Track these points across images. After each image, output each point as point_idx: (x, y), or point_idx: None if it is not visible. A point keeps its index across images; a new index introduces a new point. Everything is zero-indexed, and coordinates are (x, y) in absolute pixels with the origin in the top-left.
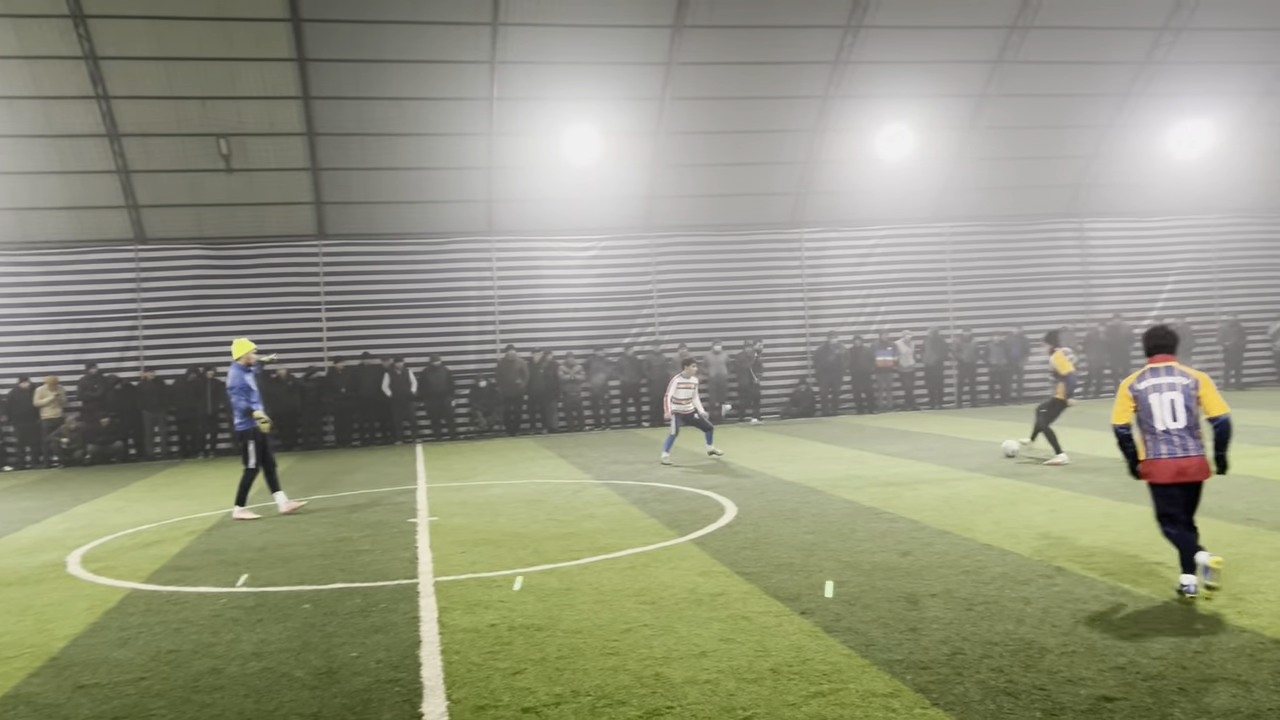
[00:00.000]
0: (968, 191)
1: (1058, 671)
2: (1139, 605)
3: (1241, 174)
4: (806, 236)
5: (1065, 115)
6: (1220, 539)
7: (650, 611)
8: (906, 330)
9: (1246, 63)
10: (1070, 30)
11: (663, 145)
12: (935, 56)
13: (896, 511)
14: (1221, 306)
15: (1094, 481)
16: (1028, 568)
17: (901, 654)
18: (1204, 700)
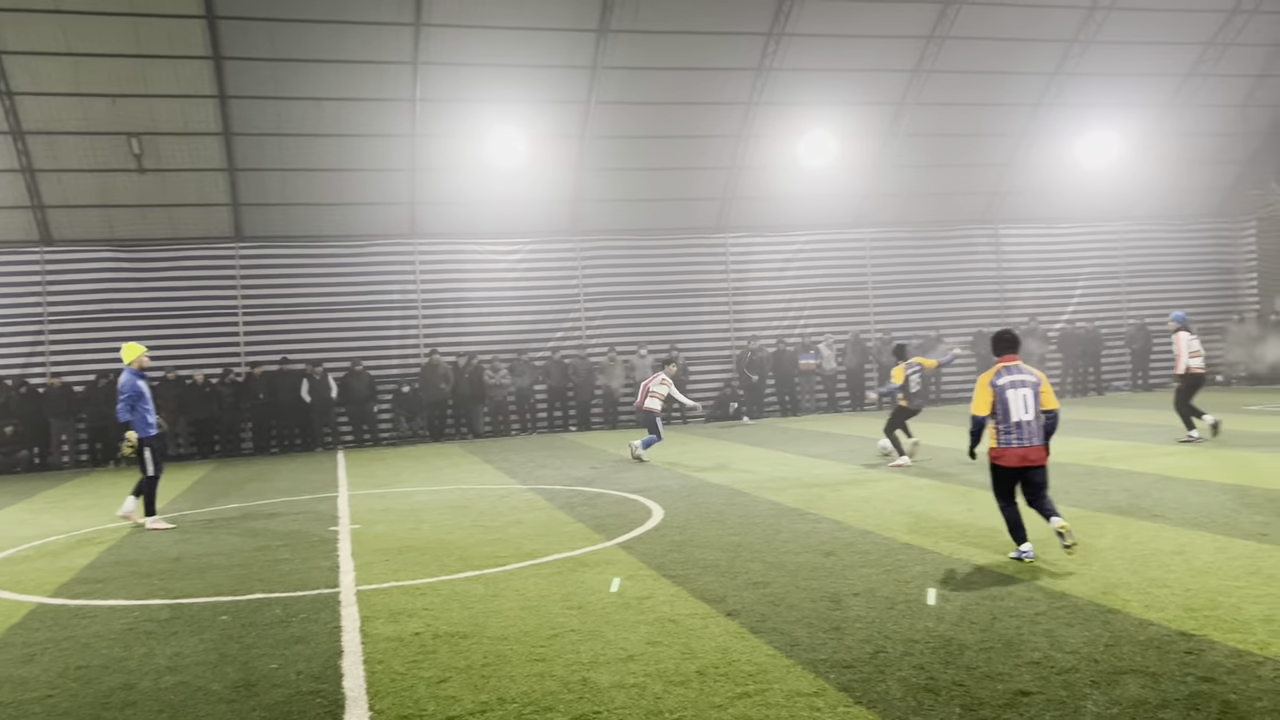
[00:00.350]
0: (887, 198)
1: (976, 667)
2: (1054, 601)
3: (1146, 182)
4: (731, 241)
5: (980, 124)
6: (1130, 535)
7: (577, 616)
8: (829, 334)
9: (1151, 75)
10: (985, 41)
11: (589, 149)
12: (855, 65)
13: (820, 512)
14: (1129, 311)
15: None
16: (947, 566)
17: (825, 653)
18: (1115, 692)
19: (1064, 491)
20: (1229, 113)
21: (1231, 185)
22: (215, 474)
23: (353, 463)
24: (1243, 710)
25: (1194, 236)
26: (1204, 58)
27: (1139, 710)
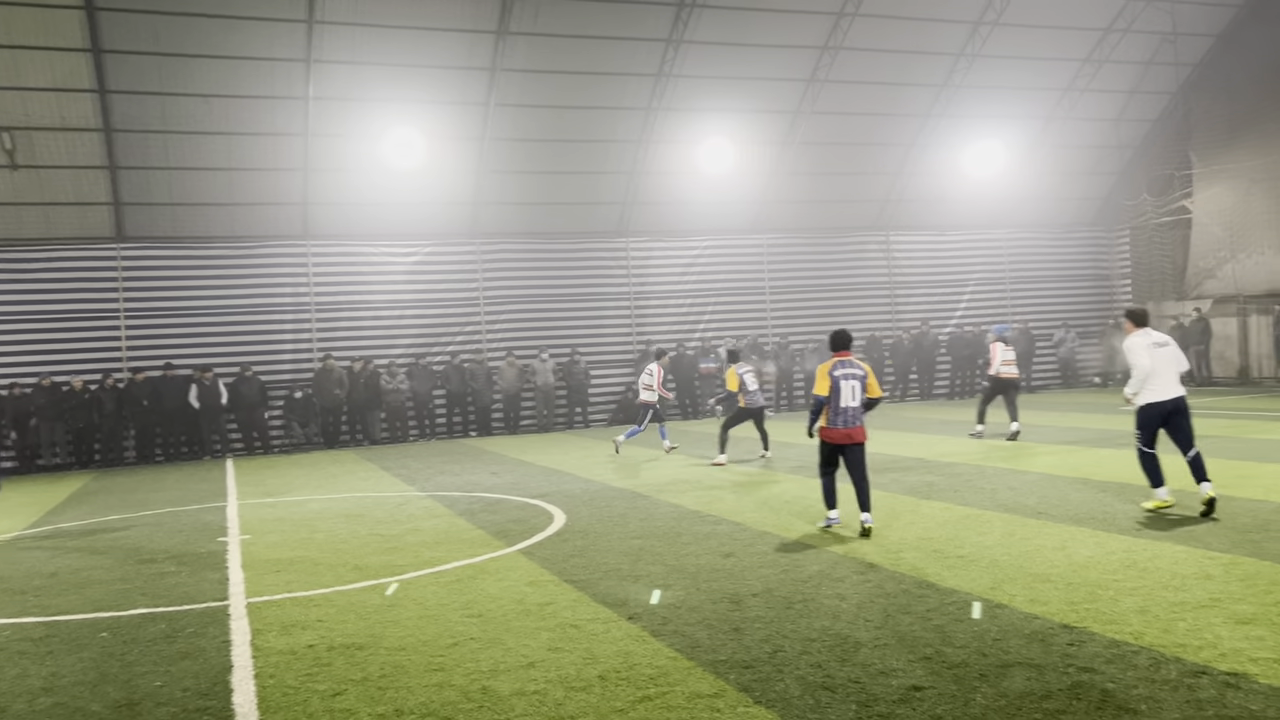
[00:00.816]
0: (784, 204)
1: (871, 664)
2: (944, 598)
3: (1029, 192)
4: (633, 246)
5: (873, 134)
6: (1015, 532)
7: (477, 624)
8: (728, 338)
9: (1033, 89)
10: (877, 53)
11: (488, 151)
12: (753, 73)
13: (720, 514)
14: (1013, 315)
15: (902, 480)
16: (843, 565)
17: (725, 654)
18: (1002, 684)
19: (953, 491)
20: (1104, 126)
21: (1107, 196)
22: (95, 484)
23: (242, 471)
24: (1120, 698)
25: (1073, 244)
26: (1081, 73)
27: (1024, 701)
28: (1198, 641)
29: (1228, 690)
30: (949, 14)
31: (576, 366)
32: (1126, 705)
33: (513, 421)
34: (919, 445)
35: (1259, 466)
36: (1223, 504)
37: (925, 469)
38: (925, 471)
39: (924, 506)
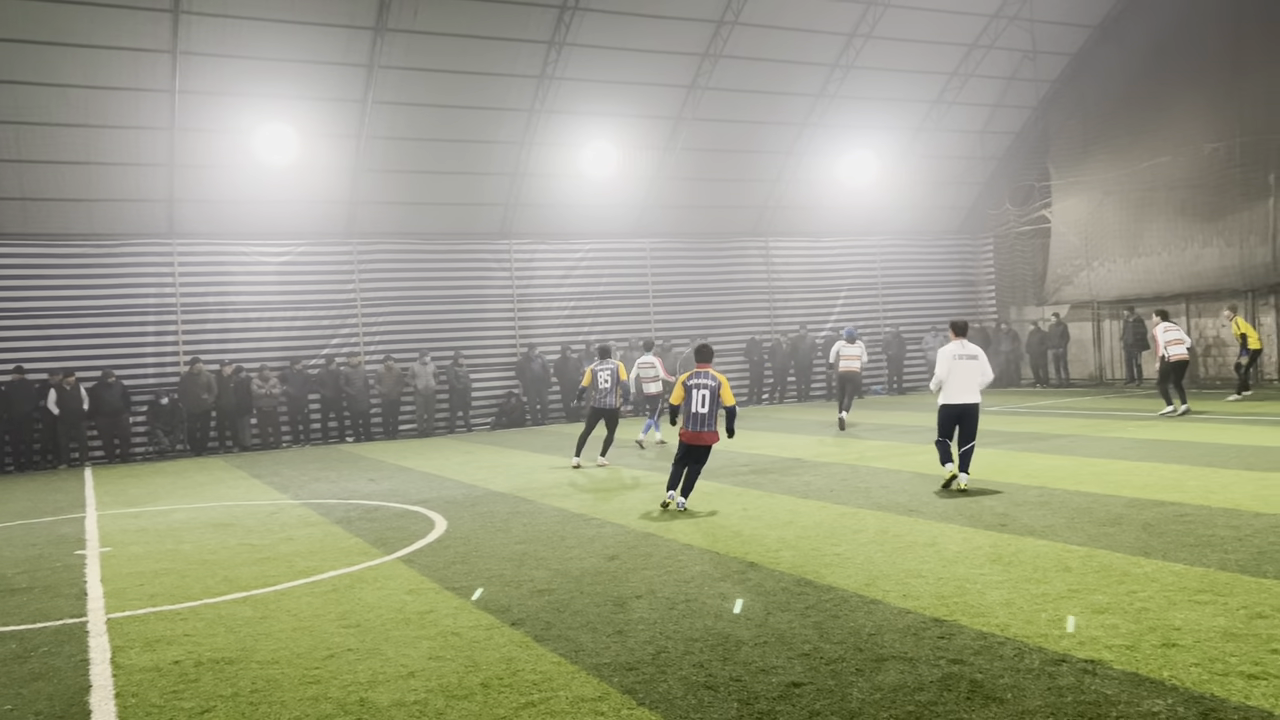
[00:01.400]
0: (666, 209)
1: (752, 662)
2: (822, 595)
3: (900, 200)
4: (516, 248)
5: (752, 141)
6: (888, 529)
7: (354, 635)
8: (611, 341)
9: (904, 100)
10: (756, 61)
11: (365, 150)
12: (636, 78)
13: (604, 517)
14: (885, 319)
15: (781, 481)
16: (724, 565)
17: (609, 657)
18: (877, 678)
19: (830, 491)
20: (970, 138)
21: (972, 205)
22: None
23: (102, 480)
24: (987, 688)
25: (941, 251)
26: (949, 87)
27: (898, 694)
28: (1058, 631)
29: (1085, 677)
30: (825, 25)
31: (458, 370)
32: (993, 694)
33: (391, 426)
34: (797, 446)
35: (1111, 463)
36: (1080, 500)
37: (803, 469)
38: (803, 472)
39: (802, 506)
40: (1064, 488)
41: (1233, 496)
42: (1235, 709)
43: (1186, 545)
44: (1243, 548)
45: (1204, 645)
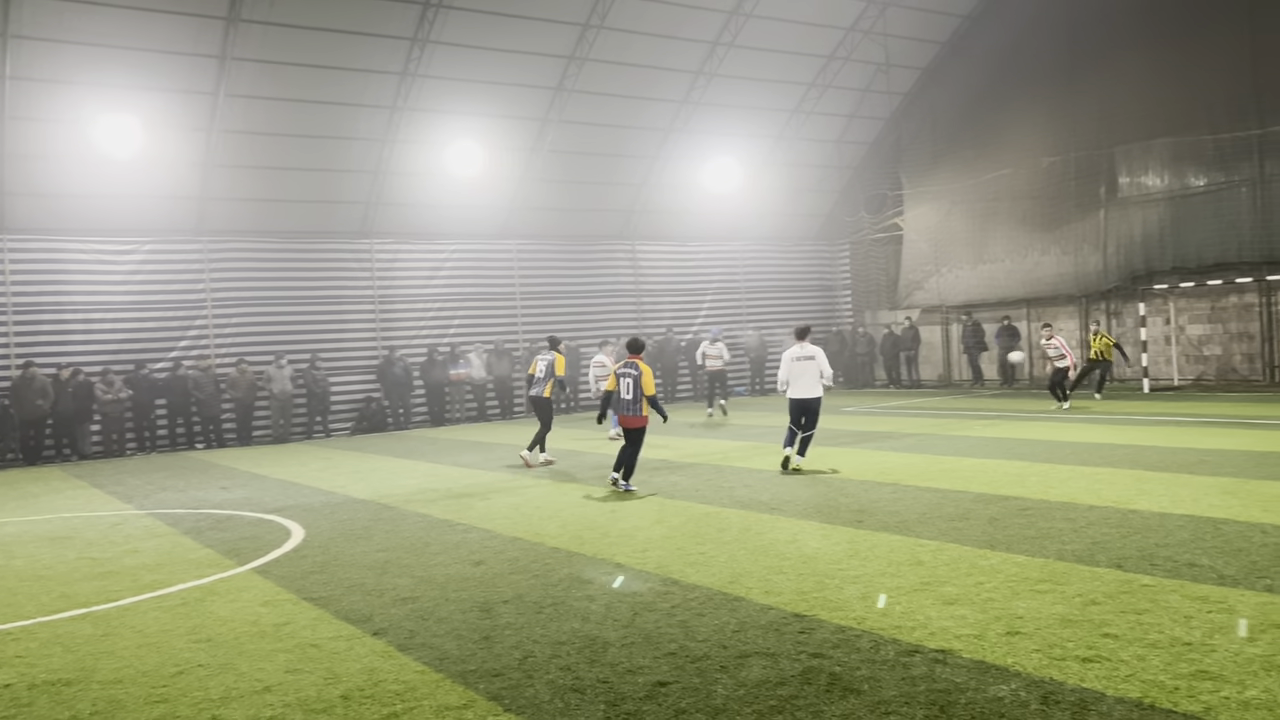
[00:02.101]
0: (533, 211)
1: (619, 663)
2: (687, 594)
3: (762, 206)
4: (378, 247)
5: (619, 145)
6: (751, 527)
7: (205, 650)
8: (478, 343)
9: (765, 109)
10: (621, 66)
11: (217, 144)
12: (501, 78)
13: (470, 522)
14: (749, 322)
15: (649, 482)
16: (592, 567)
17: (475, 664)
18: (741, 674)
19: (695, 490)
20: (827, 147)
21: (830, 212)
22: None
23: None
24: (846, 680)
25: (800, 257)
26: (808, 97)
27: (761, 689)
28: (911, 623)
29: (936, 666)
30: (689, 33)
31: (316, 373)
32: (851, 686)
33: (245, 432)
34: (663, 447)
35: (959, 461)
36: (930, 496)
37: (670, 469)
38: (670, 472)
39: (668, 506)
40: (916, 484)
41: (1069, 491)
42: (1072, 691)
43: (1028, 538)
44: (1078, 539)
45: (1044, 632)
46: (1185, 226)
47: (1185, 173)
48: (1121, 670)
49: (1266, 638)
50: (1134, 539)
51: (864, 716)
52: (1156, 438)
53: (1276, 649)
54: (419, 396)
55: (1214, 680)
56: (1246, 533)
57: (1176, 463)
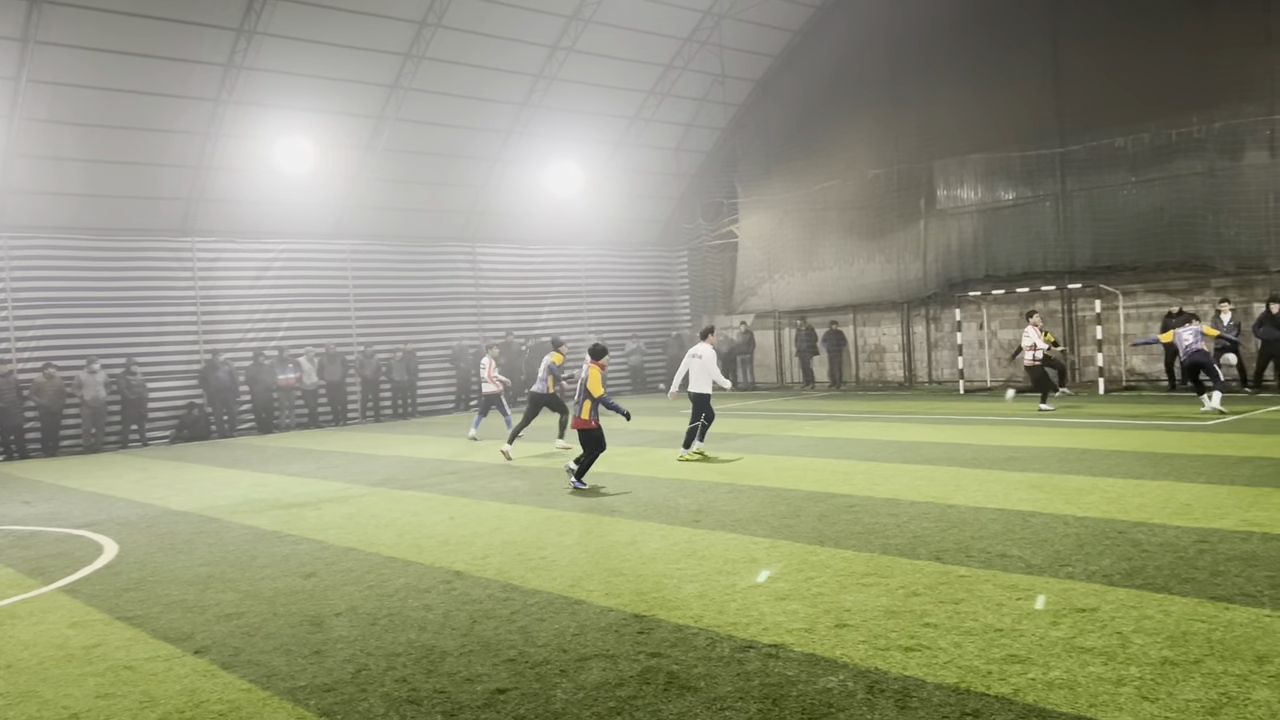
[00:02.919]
0: (368, 210)
1: (457, 672)
2: (527, 599)
3: (603, 211)
4: (199, 246)
5: (458, 145)
6: (592, 530)
7: (4, 677)
8: (310, 347)
9: (606, 115)
10: (460, 66)
11: (18, 133)
12: (334, 74)
13: (300, 533)
14: (589, 326)
15: (488, 487)
16: (429, 575)
17: (305, 679)
18: (581, 678)
19: (536, 494)
20: (666, 154)
21: (669, 218)
22: None
23: None
24: (683, 678)
25: (640, 262)
26: (646, 104)
27: (600, 691)
28: (746, 619)
29: (770, 660)
30: (528, 36)
31: (132, 378)
32: (688, 684)
33: (52, 442)
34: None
35: (790, 460)
36: (764, 494)
37: (510, 474)
38: (510, 477)
39: (509, 511)
40: (750, 484)
41: (892, 488)
42: (895, 679)
43: (854, 533)
44: (901, 533)
45: (870, 624)
46: (996, 237)
47: (996, 187)
48: (940, 658)
49: (1068, 622)
50: (952, 532)
51: (700, 714)
52: (971, 436)
53: (1076, 632)
54: (245, 402)
55: (1022, 663)
56: (1051, 524)
57: (989, 460)
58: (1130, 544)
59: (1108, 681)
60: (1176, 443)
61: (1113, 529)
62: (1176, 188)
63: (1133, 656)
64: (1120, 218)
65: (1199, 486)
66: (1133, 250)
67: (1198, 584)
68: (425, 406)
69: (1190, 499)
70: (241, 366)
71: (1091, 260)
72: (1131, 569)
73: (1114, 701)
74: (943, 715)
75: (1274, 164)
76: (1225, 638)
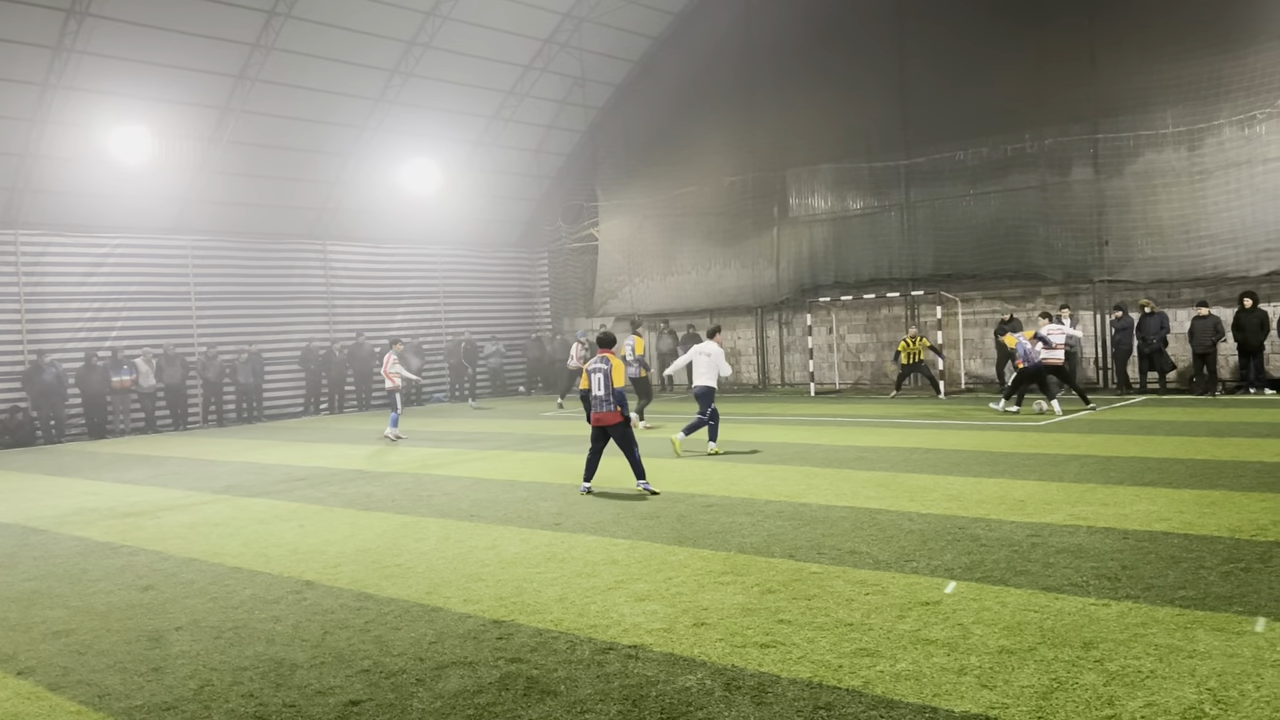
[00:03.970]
0: (212, 205)
1: (308, 685)
2: (383, 608)
3: (462, 211)
4: (24, 239)
5: (310, 140)
6: (450, 535)
7: None
8: (147, 348)
9: (464, 113)
10: (312, 58)
11: None
12: (176, 61)
13: (137, 544)
14: (447, 327)
15: (340, 494)
16: (278, 585)
17: (143, 698)
18: (438, 686)
19: (391, 500)
20: (526, 156)
21: (529, 220)
22: None
23: None
24: (543, 682)
25: (500, 263)
26: (506, 104)
27: (459, 699)
28: (606, 621)
29: (630, 661)
30: (384, 30)
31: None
32: (548, 688)
33: None
34: (358, 457)
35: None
36: (624, 496)
37: (364, 480)
38: (364, 483)
39: (363, 518)
40: (610, 486)
41: (748, 487)
42: (752, 676)
43: (712, 532)
44: (756, 532)
45: (727, 621)
46: (845, 245)
47: (846, 196)
48: (794, 653)
49: (914, 615)
50: (805, 530)
51: (561, 717)
52: (822, 437)
53: (922, 624)
54: (75, 406)
55: (872, 656)
56: (897, 521)
57: (839, 459)
58: (970, 539)
59: (950, 671)
60: (1011, 442)
61: (954, 525)
62: (1011, 200)
63: (973, 647)
64: (960, 228)
65: (1031, 483)
66: (971, 259)
67: (1031, 576)
68: (273, 410)
69: (1024, 495)
70: (71, 368)
71: (934, 268)
72: (971, 563)
73: (956, 690)
74: (797, 710)
75: (1098, 180)
76: (1056, 626)
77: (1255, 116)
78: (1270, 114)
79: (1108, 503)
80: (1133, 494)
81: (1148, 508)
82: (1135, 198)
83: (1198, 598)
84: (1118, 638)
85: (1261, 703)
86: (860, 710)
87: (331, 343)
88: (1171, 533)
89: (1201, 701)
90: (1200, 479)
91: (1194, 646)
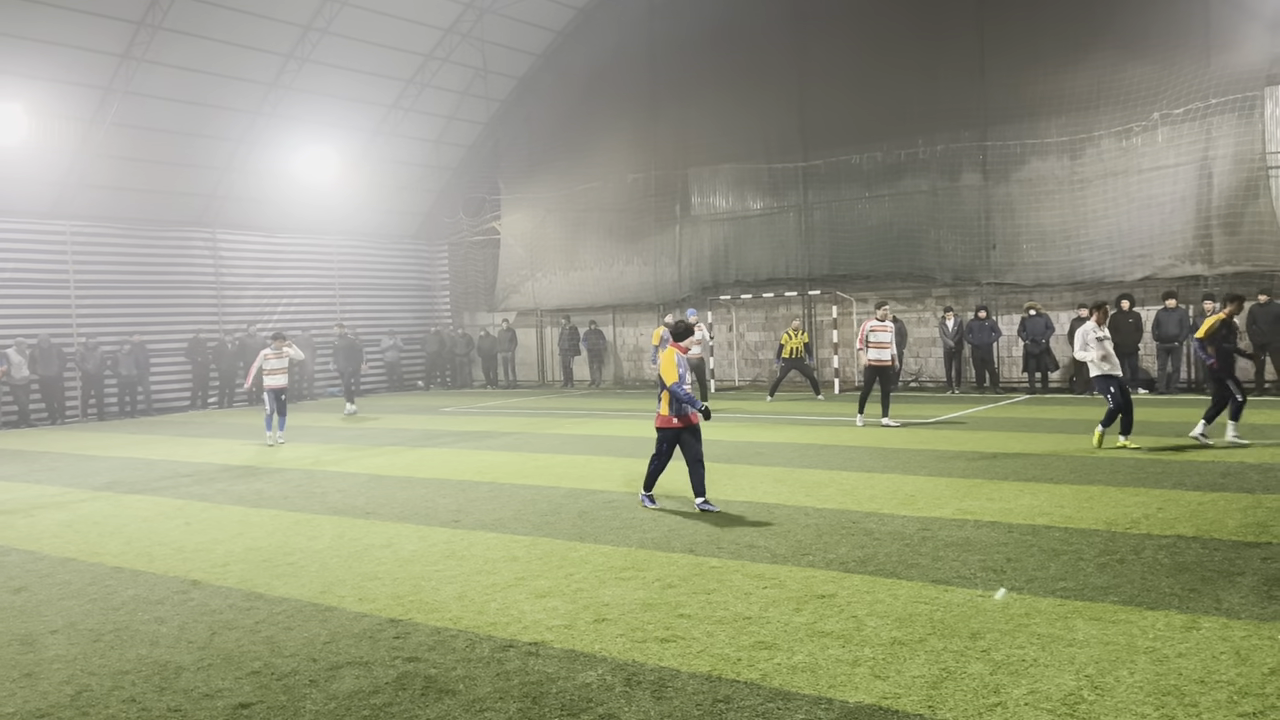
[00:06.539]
0: (94, 189)
1: (194, 689)
2: (274, 608)
3: (359, 201)
4: None
5: (199, 124)
6: (345, 534)
7: None
8: (20, 337)
9: (362, 101)
10: (202, 40)
11: None
12: (52, 37)
13: (8, 543)
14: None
15: (229, 490)
16: (162, 585)
17: (14, 705)
18: (332, 687)
19: (284, 498)
20: (426, 146)
21: (429, 212)
22: None
23: None
24: (441, 681)
25: (398, 255)
26: (405, 94)
27: (354, 700)
28: (506, 618)
29: (530, 659)
30: (279, 14)
31: None
32: (447, 687)
33: None
34: (248, 453)
35: (552, 458)
36: (525, 493)
37: (254, 477)
38: (254, 479)
39: (253, 516)
40: (511, 482)
41: None
42: (652, 670)
43: (613, 528)
44: (657, 527)
45: (628, 617)
46: (745, 244)
47: (746, 196)
48: (694, 647)
49: (810, 608)
50: (704, 525)
51: (459, 716)
52: (722, 433)
53: (817, 617)
54: None
55: (769, 649)
56: (794, 515)
57: (738, 455)
58: (863, 533)
59: (845, 663)
60: (902, 438)
61: (848, 519)
62: (904, 204)
63: (867, 638)
64: (855, 230)
65: (921, 479)
66: (866, 260)
67: (921, 569)
68: (159, 404)
69: (914, 490)
70: None
71: (830, 269)
72: (865, 556)
73: (850, 681)
74: (696, 703)
75: (986, 186)
76: (945, 617)
77: (1132, 129)
78: (1145, 127)
79: (993, 498)
80: (1016, 489)
81: (1030, 502)
82: (1021, 204)
83: (1076, 589)
84: (1003, 628)
85: (1135, 688)
86: (758, 702)
87: (222, 334)
88: (1053, 526)
89: (1080, 688)
90: (1079, 474)
91: (1073, 635)
